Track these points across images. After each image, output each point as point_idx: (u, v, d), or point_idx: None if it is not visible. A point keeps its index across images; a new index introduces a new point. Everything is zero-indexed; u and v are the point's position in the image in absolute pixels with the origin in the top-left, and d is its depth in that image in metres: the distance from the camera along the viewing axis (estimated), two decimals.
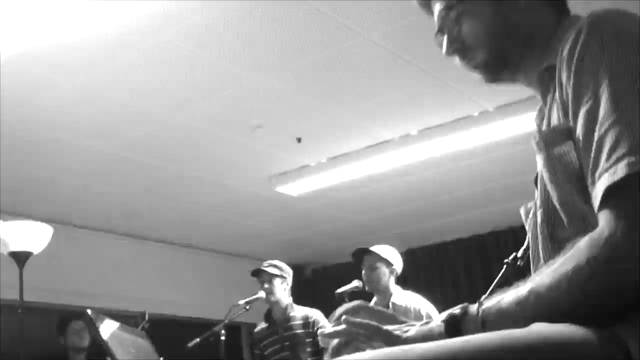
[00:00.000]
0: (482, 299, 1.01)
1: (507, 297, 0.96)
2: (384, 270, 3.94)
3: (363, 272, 3.99)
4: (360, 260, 4.02)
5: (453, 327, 0.99)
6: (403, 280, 4.10)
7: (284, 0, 2.94)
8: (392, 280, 3.98)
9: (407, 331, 1.03)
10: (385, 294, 3.92)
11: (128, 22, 3.03)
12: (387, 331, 1.04)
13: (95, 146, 4.35)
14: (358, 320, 1.08)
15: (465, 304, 1.01)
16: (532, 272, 1.11)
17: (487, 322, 0.96)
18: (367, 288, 4.00)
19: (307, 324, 4.19)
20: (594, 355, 0.84)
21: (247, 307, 4.15)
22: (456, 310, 1.01)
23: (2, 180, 4.66)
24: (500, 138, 4.44)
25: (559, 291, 0.89)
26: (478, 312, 0.98)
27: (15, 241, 3.92)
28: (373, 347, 1.06)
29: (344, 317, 1.09)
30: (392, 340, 1.03)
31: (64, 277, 5.66)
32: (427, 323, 1.03)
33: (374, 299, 4.02)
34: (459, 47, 1.16)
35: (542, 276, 0.92)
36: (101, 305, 5.24)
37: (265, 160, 4.81)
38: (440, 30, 1.18)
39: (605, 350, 0.85)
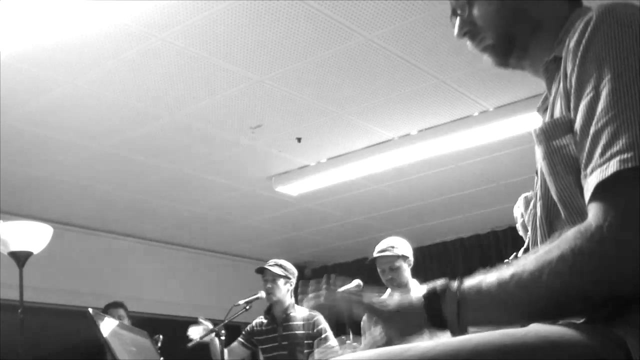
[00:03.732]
0: (465, 276, 1.01)
1: (489, 278, 0.95)
2: (404, 266, 3.84)
3: (381, 273, 3.84)
4: (376, 263, 3.91)
5: (432, 302, 0.99)
6: None
7: (284, 0, 2.94)
8: (409, 272, 3.89)
9: (387, 304, 1.04)
10: (407, 288, 3.84)
11: (128, 22, 3.03)
12: (367, 303, 1.06)
13: (95, 146, 4.35)
14: (337, 292, 1.11)
15: (446, 280, 1.01)
16: None
17: (465, 301, 0.96)
18: (389, 289, 3.86)
19: (308, 324, 4.18)
20: (593, 355, 0.84)
21: (247, 307, 4.15)
22: (437, 285, 1.00)
23: (2, 180, 4.66)
24: (500, 138, 4.44)
25: (541, 278, 0.89)
26: (458, 289, 0.98)
27: (15, 241, 3.92)
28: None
29: (325, 286, 1.11)
30: (372, 311, 1.05)
31: (64, 277, 5.67)
32: (408, 296, 1.04)
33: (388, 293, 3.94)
34: (469, 30, 1.17)
35: (526, 262, 0.92)
36: (101, 306, 5.24)
37: (265, 160, 4.81)
38: (454, 13, 1.20)
39: (604, 350, 0.85)
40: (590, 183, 0.89)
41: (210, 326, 4.07)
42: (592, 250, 0.86)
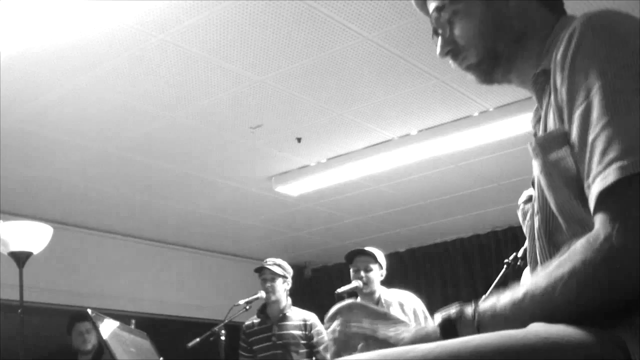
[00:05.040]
0: (477, 300, 1.01)
1: (503, 299, 0.96)
2: (377, 274, 3.94)
3: (354, 272, 3.94)
4: (352, 261, 3.99)
5: (449, 333, 0.98)
6: (404, 280, 4.10)
7: (284, 0, 2.94)
8: (379, 284, 3.99)
9: (402, 337, 1.03)
10: (373, 295, 3.91)
11: (128, 23, 3.03)
12: (383, 337, 1.04)
13: (95, 146, 4.35)
14: (354, 329, 1.08)
15: (460, 306, 1.00)
16: (529, 275, 1.11)
17: (482, 325, 0.96)
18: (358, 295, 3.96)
19: (304, 326, 4.19)
20: (593, 356, 0.84)
21: (247, 307, 4.15)
22: (451, 312, 1.00)
23: (2, 180, 4.66)
24: (500, 138, 4.44)
25: (555, 293, 0.89)
26: (474, 315, 0.98)
27: (15, 241, 3.92)
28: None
29: (339, 327, 1.09)
30: (389, 345, 1.02)
31: (64, 277, 5.67)
32: (422, 327, 1.03)
33: (358, 299, 4.01)
34: (452, 49, 1.16)
35: (538, 279, 0.92)
36: (101, 306, 5.24)
37: (265, 160, 4.81)
38: (435, 32, 1.19)
39: (604, 351, 0.85)
40: (593, 192, 0.89)
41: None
42: (601, 260, 0.86)
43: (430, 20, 1.19)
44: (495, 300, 0.97)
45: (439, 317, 1.01)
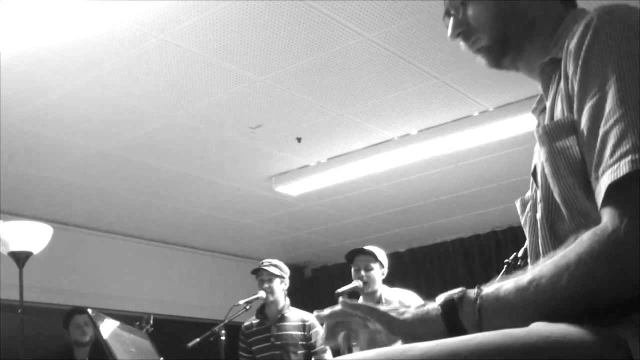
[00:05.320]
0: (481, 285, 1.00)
1: (507, 285, 0.95)
2: (378, 272, 3.92)
3: (355, 272, 3.93)
4: (352, 260, 3.98)
5: (450, 312, 0.98)
6: (404, 280, 4.09)
7: (283, 0, 2.94)
8: (381, 282, 3.97)
9: (403, 313, 1.03)
10: (375, 295, 3.90)
11: (128, 23, 3.03)
12: (383, 312, 1.04)
13: (95, 146, 4.35)
14: (354, 302, 1.09)
15: (463, 288, 1.00)
16: (529, 265, 1.11)
17: (484, 309, 0.95)
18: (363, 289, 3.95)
19: (303, 326, 4.19)
20: (594, 354, 0.84)
21: (247, 307, 4.15)
22: (454, 294, 1.00)
23: (2, 180, 4.66)
24: (500, 138, 4.44)
25: (560, 283, 0.89)
26: (476, 298, 0.97)
27: (15, 241, 3.92)
28: (366, 328, 1.07)
29: (340, 299, 1.10)
30: (388, 321, 1.03)
31: (64, 277, 5.67)
32: (423, 305, 1.02)
33: (360, 299, 3.99)
34: (463, 30, 1.17)
35: (543, 267, 0.92)
36: (101, 306, 5.24)
37: (265, 160, 4.81)
38: (447, 13, 1.20)
39: (605, 350, 0.85)
40: (602, 185, 0.89)
41: None
42: (609, 253, 0.86)
43: (444, 2, 1.20)
44: (499, 285, 0.96)
45: (441, 297, 1.01)
